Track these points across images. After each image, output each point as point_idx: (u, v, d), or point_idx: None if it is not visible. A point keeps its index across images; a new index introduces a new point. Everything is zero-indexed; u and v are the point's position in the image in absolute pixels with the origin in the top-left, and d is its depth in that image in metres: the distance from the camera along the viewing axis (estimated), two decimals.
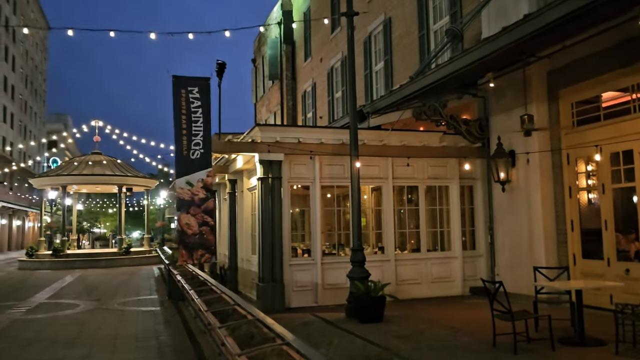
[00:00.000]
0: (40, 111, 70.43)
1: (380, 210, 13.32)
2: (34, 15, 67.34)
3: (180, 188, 10.06)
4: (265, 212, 10.55)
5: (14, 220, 55.82)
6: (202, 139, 10.08)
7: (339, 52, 21.82)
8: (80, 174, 28.07)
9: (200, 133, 10.08)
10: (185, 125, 9.96)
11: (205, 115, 10.09)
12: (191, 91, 10.04)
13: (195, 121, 10.04)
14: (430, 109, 11.54)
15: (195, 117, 10.04)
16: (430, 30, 15.06)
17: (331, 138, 11.16)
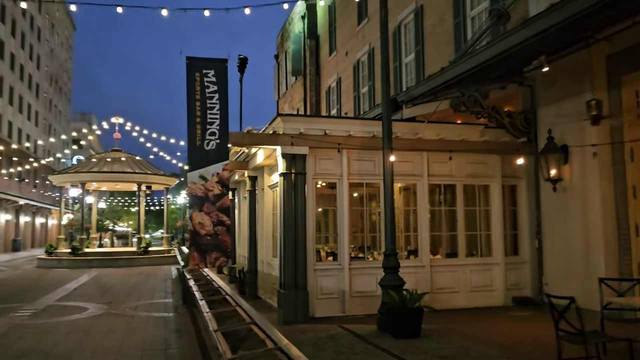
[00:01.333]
0: (65, 110, 70.84)
1: (409, 210, 12.27)
2: (60, 14, 67.76)
3: (193, 183, 9.10)
4: (288, 211, 9.55)
5: (37, 217, 56.04)
6: (218, 128, 9.11)
7: (366, 44, 20.75)
8: (100, 171, 27.52)
9: (216, 121, 9.11)
10: (200, 112, 8.99)
11: (222, 101, 9.12)
12: (206, 74, 9.08)
13: (211, 108, 9.07)
14: (470, 100, 10.42)
15: (210, 104, 9.08)
16: (467, 17, 13.90)
17: (360, 130, 10.11)
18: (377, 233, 11.17)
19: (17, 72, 47.80)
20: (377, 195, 14.33)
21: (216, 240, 9.08)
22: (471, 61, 8.61)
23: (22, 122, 49.20)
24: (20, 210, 48.70)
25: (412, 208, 10.98)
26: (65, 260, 26.19)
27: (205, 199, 9.09)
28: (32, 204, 49.81)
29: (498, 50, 7.97)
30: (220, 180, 9.20)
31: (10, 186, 44.33)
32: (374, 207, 13.78)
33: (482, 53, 8.44)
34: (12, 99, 46.42)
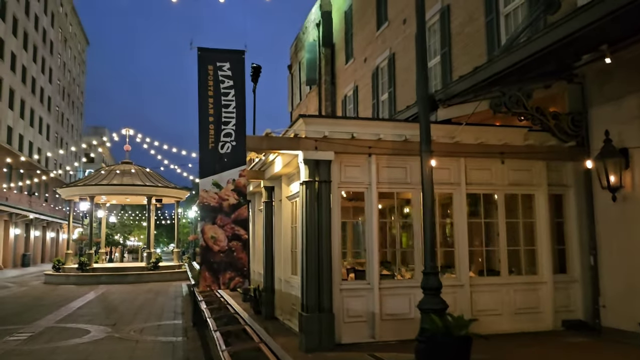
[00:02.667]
0: (77, 123, 70.69)
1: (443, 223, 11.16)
2: (73, 28, 67.90)
3: (205, 191, 8.02)
4: (311, 224, 8.49)
5: (48, 232, 55.47)
6: (234, 129, 8.06)
7: (386, 50, 19.79)
8: (109, 184, 26.69)
9: (231, 121, 8.07)
10: (213, 110, 7.96)
11: (239, 98, 8.09)
12: (221, 67, 8.08)
13: (226, 105, 8.05)
14: (511, 100, 9.32)
15: (225, 101, 8.06)
16: (500, 14, 12.87)
17: (391, 133, 9.06)
18: (409, 247, 10.06)
19: (28, 85, 47.53)
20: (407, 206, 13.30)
21: (231, 258, 7.95)
22: (521, 52, 7.55)
23: (33, 135, 48.81)
24: (31, 225, 48.10)
25: (448, 220, 9.86)
26: (73, 276, 25.29)
27: (219, 209, 8.01)
28: (43, 218, 49.20)
29: (558, 37, 6.91)
30: (237, 188, 8.11)
31: (21, 200, 43.76)
32: (406, 219, 12.71)
33: (536, 42, 7.38)
34: (23, 112, 46.08)
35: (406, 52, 18.13)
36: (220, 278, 7.80)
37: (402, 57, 18.49)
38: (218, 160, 7.98)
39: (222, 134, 8.04)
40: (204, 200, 7.98)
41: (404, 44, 18.29)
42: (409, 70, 17.83)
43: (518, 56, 7.58)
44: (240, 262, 8.00)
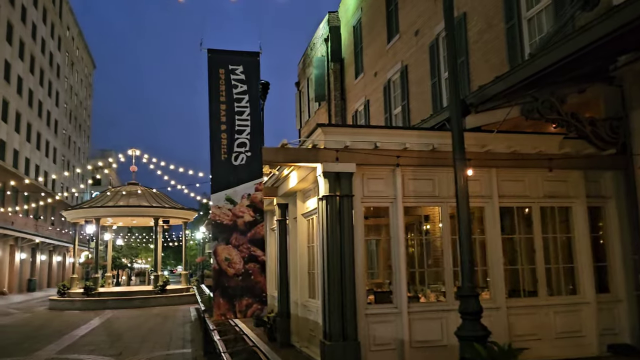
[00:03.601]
0: (84, 146, 70.55)
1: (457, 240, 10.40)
2: (80, 52, 68.20)
3: (217, 207, 7.27)
4: (332, 243, 7.75)
5: (54, 256, 54.82)
6: (249, 138, 7.35)
7: (397, 63, 19.22)
8: (115, 206, 26.06)
9: (246, 129, 7.37)
10: (225, 118, 7.28)
11: (254, 104, 7.41)
12: (233, 71, 7.42)
13: (240, 112, 7.37)
14: (544, 105, 8.66)
15: (239, 107, 7.38)
16: (523, 19, 12.25)
17: (417, 143, 8.37)
18: (438, 267, 9.29)
19: (35, 108, 47.39)
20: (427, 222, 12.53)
21: (248, 282, 7.13)
22: (566, 47, 6.86)
23: (39, 158, 48.51)
24: (37, 249, 47.50)
25: (478, 236, 9.08)
26: (78, 301, 24.52)
27: (233, 227, 7.25)
28: (49, 242, 48.63)
29: (606, 30, 6.22)
30: (252, 204, 7.36)
31: (27, 224, 43.23)
32: (433, 235, 11.97)
33: (578, 38, 6.70)
34: (30, 136, 45.83)
35: (419, 64, 17.54)
36: (236, 305, 6.99)
37: (415, 69, 17.89)
38: (231, 173, 7.24)
39: (235, 144, 7.32)
40: (217, 218, 7.22)
41: (417, 55, 17.72)
42: (422, 83, 17.23)
43: (561, 52, 6.90)
44: (258, 287, 7.19)
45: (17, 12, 42.03)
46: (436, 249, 12.84)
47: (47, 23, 51.39)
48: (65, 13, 59.41)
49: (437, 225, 12.51)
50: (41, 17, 49.34)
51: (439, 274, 11.28)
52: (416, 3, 17.90)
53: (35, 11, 47.31)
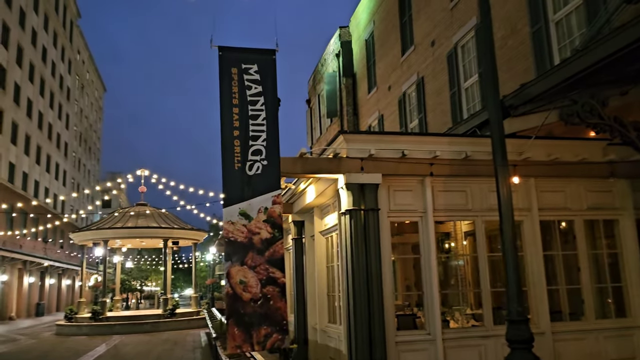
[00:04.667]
0: (93, 169, 70.45)
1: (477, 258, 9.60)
2: (90, 75, 68.56)
3: (230, 223, 6.49)
4: (357, 262, 6.97)
5: (63, 279, 54.22)
6: (265, 145, 6.61)
7: (412, 75, 18.58)
8: (123, 227, 25.41)
9: (261, 135, 6.65)
10: (238, 122, 6.54)
11: (270, 107, 6.69)
12: (247, 70, 6.73)
13: (254, 117, 6.65)
14: (584, 109, 7.90)
15: (254, 111, 6.66)
16: (550, 22, 11.56)
17: (448, 151, 7.62)
18: (474, 288, 8.45)
19: (45, 131, 47.28)
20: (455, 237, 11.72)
21: (266, 308, 6.23)
22: (613, 43, 6.12)
23: (49, 181, 48.24)
24: (46, 272, 46.92)
25: (524, 253, 8.22)
26: (86, 326, 23.74)
27: (249, 246, 6.42)
28: (58, 265, 48.06)
29: None
30: (270, 219, 6.57)
31: (35, 247, 42.73)
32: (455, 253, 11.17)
33: (633, 29, 5.96)
34: (39, 158, 45.62)
35: (436, 75, 16.89)
36: (253, 335, 6.14)
37: (432, 80, 17.24)
38: (246, 184, 6.48)
39: (250, 152, 6.58)
40: (230, 235, 6.42)
41: (433, 66, 17.07)
42: (440, 94, 16.55)
43: (612, 46, 6.15)
44: (278, 314, 6.36)
45: (27, 35, 42.17)
46: (459, 269, 12.02)
47: (57, 46, 51.64)
48: (76, 37, 59.80)
49: (459, 242, 11.70)
50: (51, 41, 49.57)
51: (463, 295, 10.46)
52: (431, 14, 17.33)
53: (45, 35, 47.52)
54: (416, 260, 9.91)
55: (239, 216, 6.47)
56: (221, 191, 6.71)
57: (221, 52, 6.71)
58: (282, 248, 6.62)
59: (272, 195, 6.61)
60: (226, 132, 6.53)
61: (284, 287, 6.56)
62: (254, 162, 6.59)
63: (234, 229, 6.44)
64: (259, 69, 6.78)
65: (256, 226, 6.46)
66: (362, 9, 24.52)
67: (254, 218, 6.49)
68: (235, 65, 6.67)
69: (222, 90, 6.62)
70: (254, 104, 6.70)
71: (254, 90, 6.72)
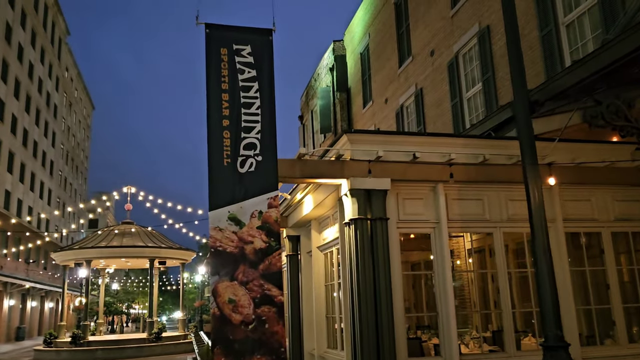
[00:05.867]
0: (80, 188, 68.98)
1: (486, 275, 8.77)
2: (78, 93, 67.63)
3: (218, 229, 5.47)
4: (364, 279, 6.10)
5: (46, 302, 52.40)
6: (260, 137, 5.68)
7: (411, 86, 17.93)
8: (107, 246, 24.28)
9: (255, 126, 5.73)
10: (229, 111, 5.61)
11: (266, 94, 5.79)
12: (239, 51, 5.86)
13: (247, 104, 5.74)
14: (610, 110, 7.21)
15: (246, 98, 5.76)
16: (560, 25, 10.95)
17: (464, 153, 6.82)
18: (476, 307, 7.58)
19: (30, 148, 46.09)
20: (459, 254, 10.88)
21: (261, 333, 5.19)
22: None
23: (33, 200, 46.89)
24: (27, 295, 45.24)
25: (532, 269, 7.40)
26: (65, 352, 22.44)
27: (240, 257, 5.40)
28: (40, 287, 46.41)
29: None
30: (266, 225, 5.55)
31: (17, 268, 41.20)
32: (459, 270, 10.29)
33: None
34: (23, 176, 44.35)
35: (436, 85, 16.25)
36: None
37: (432, 91, 16.58)
38: (237, 184, 5.51)
39: (242, 145, 5.66)
40: (217, 244, 5.42)
41: (433, 76, 16.44)
42: (441, 105, 15.88)
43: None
44: (274, 340, 5.33)
45: (13, 50, 41.31)
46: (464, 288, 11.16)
47: (44, 63, 50.77)
48: (64, 54, 59.03)
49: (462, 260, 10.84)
50: (39, 57, 48.72)
51: (466, 317, 9.56)
52: (430, 23, 16.77)
53: (32, 51, 46.68)
54: (416, 279, 9.08)
55: (228, 221, 5.50)
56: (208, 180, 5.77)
57: (208, 29, 5.84)
58: (280, 260, 5.69)
59: (267, 197, 5.66)
60: (213, 122, 5.61)
61: (281, 307, 5.58)
62: (247, 157, 5.67)
63: (222, 236, 5.46)
64: (252, 50, 5.93)
65: (249, 234, 5.51)
66: (356, 22, 24.01)
67: (246, 224, 5.54)
68: (224, 45, 5.81)
69: (209, 73, 5.72)
70: (246, 90, 5.83)
71: (247, 75, 5.86)
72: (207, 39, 5.79)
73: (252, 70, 5.86)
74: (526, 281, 8.16)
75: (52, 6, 52.85)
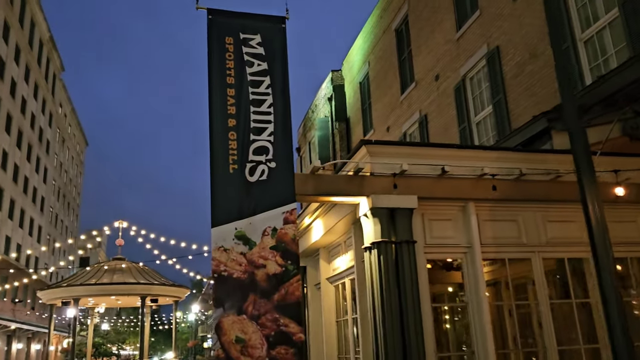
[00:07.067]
0: (71, 225, 67.60)
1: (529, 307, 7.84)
2: (72, 129, 67.10)
3: (222, 250, 4.48)
4: (390, 313, 5.22)
5: (33, 343, 50.37)
6: (273, 140, 4.83)
7: (414, 113, 17.33)
8: (96, 284, 23.06)
9: (267, 127, 4.81)
10: (235, 109, 4.70)
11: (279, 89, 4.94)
12: (247, 41, 5.03)
13: (258, 102, 4.87)
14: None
15: (256, 94, 4.88)
16: (577, 41, 10.39)
17: (498, 168, 6.05)
18: (528, 346, 6.66)
19: (20, 184, 45.11)
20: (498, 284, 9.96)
21: None
22: None
23: (22, 237, 45.60)
24: (13, 336, 43.41)
25: (577, 300, 6.52)
26: None
27: (249, 285, 4.40)
28: (27, 328, 44.63)
29: None
30: (281, 245, 4.58)
31: (3, 308, 39.61)
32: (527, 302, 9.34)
33: None
34: (13, 213, 43.21)
35: (441, 110, 15.65)
36: None
37: (437, 117, 15.98)
38: (245, 195, 4.57)
39: (251, 150, 4.77)
40: (221, 268, 4.36)
41: (438, 101, 15.87)
42: (447, 131, 15.22)
43: None
44: None
45: (6, 85, 40.85)
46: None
47: (38, 99, 50.33)
48: (58, 90, 58.72)
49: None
50: (32, 93, 48.29)
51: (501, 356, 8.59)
52: (434, 47, 16.31)
53: (25, 86, 46.27)
54: (438, 313, 8.22)
55: (234, 240, 4.53)
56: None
57: (211, 15, 5.06)
58: (299, 288, 4.71)
59: (283, 211, 4.71)
60: (217, 122, 4.72)
61: (302, 347, 4.54)
62: (257, 163, 4.77)
63: (227, 259, 4.47)
64: (263, 40, 5.14)
65: (260, 255, 4.54)
66: (355, 51, 23.66)
67: (256, 244, 4.57)
68: (230, 34, 5.01)
69: (212, 65, 4.89)
70: (256, 85, 5.01)
71: (257, 68, 5.05)
72: (209, 26, 5.00)
73: (263, 62, 5.07)
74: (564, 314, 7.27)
75: (47, 42, 52.82)
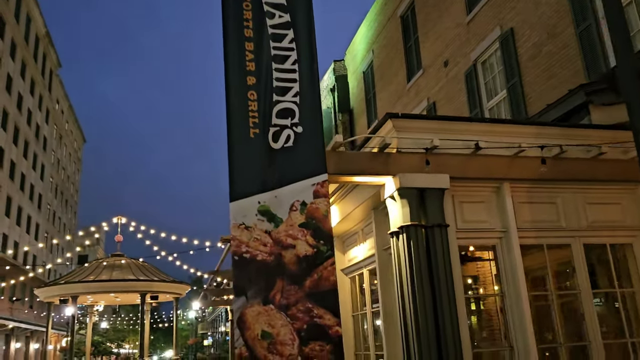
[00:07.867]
0: (69, 223, 66.99)
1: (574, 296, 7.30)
2: (69, 126, 66.41)
3: (242, 227, 3.77)
4: (423, 304, 4.68)
5: (31, 342, 49.83)
6: (299, 102, 4.14)
7: (422, 101, 16.77)
8: (94, 281, 22.51)
9: (293, 86, 4.10)
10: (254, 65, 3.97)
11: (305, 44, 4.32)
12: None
13: (280, 58, 4.16)
14: None
15: (278, 49, 4.14)
16: (600, 19, 9.84)
17: (533, 144, 5.49)
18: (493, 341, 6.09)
19: (17, 181, 44.48)
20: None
21: None
22: None
23: (19, 234, 45.00)
24: (11, 335, 42.86)
25: (620, 290, 5.96)
26: None
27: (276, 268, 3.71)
28: (25, 327, 44.07)
29: None
30: (311, 221, 3.88)
31: (1, 307, 39.06)
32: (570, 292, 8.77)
33: None
34: (10, 210, 42.61)
35: (451, 97, 15.09)
36: None
37: (446, 104, 15.42)
38: (269, 164, 3.92)
39: (274, 112, 4.07)
40: (242, 249, 3.67)
41: (448, 88, 15.30)
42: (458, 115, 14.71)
43: None
44: None
45: (2, 81, 40.19)
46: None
47: (34, 95, 49.64)
48: (55, 86, 58.01)
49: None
50: (28, 89, 47.60)
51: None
52: (442, 32, 15.74)
53: (22, 82, 45.59)
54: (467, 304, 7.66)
55: (257, 216, 3.85)
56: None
57: None
58: (334, 272, 3.98)
59: (313, 183, 4.02)
60: (234, 80, 4.00)
61: (339, 342, 3.89)
62: (282, 128, 4.07)
63: (249, 238, 3.74)
64: None
65: (288, 234, 3.81)
66: (359, 40, 23.07)
67: (283, 220, 3.91)
68: None
69: (227, 17, 4.25)
70: (278, 39, 4.34)
71: (279, 20, 4.38)
72: None
73: (285, 14, 4.41)
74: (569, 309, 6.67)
75: (43, 38, 52.11)
